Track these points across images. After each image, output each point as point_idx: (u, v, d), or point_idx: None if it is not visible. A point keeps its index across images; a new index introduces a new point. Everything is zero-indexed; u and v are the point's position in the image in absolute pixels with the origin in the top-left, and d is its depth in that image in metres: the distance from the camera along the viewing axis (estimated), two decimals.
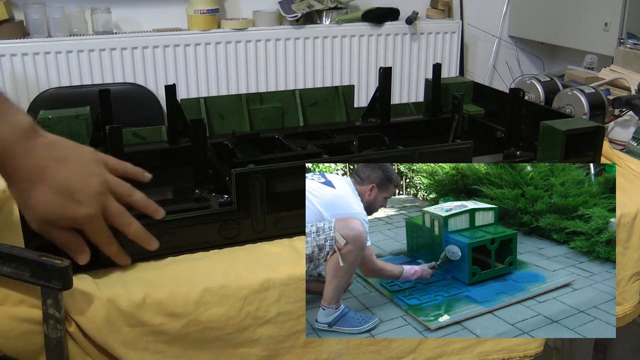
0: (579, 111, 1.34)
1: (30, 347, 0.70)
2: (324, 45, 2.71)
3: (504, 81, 3.07)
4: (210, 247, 0.84)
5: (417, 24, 2.80)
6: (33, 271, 0.66)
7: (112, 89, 1.10)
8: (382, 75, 1.24)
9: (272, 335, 0.79)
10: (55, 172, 0.67)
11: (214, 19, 2.56)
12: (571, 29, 2.58)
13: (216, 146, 1.07)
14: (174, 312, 0.74)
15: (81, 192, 0.69)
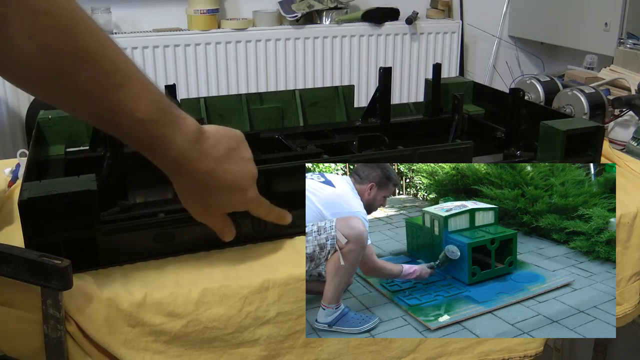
0: (579, 111, 1.34)
1: (30, 347, 0.70)
2: (324, 45, 2.71)
3: (504, 81, 3.07)
4: (210, 247, 0.84)
5: (417, 24, 2.80)
6: (33, 271, 0.66)
7: None
8: (382, 75, 1.24)
9: (272, 335, 0.79)
10: (223, 172, 0.70)
11: (214, 19, 2.56)
12: (571, 29, 2.58)
13: None
14: (174, 312, 0.74)
15: (245, 180, 0.73)
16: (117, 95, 0.58)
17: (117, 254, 0.79)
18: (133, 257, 0.80)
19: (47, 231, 0.74)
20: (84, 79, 0.56)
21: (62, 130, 1.07)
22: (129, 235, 0.79)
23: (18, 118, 2.40)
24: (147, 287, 0.74)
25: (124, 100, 0.59)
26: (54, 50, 0.53)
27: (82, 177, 0.77)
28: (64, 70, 0.55)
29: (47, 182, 0.76)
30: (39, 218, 0.73)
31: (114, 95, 0.58)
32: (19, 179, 1.04)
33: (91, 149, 1.04)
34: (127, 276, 0.77)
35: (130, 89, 0.59)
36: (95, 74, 0.57)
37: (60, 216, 0.74)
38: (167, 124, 0.63)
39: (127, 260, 0.80)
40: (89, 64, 0.56)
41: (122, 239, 0.79)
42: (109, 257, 0.79)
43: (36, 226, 0.73)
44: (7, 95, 2.36)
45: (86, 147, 1.05)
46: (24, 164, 0.94)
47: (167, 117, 0.63)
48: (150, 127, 0.62)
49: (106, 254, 0.78)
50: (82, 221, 0.75)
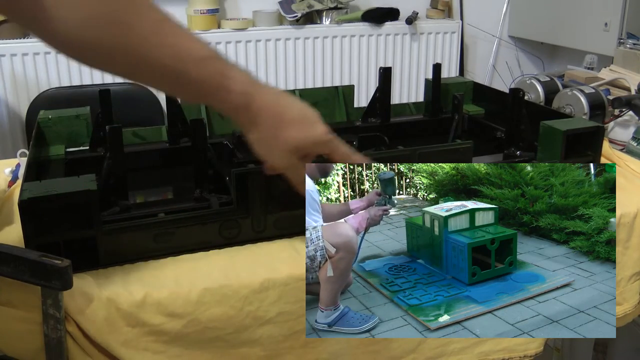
0: (579, 111, 1.34)
1: (30, 347, 0.70)
2: (324, 45, 2.71)
3: (504, 81, 3.07)
4: (210, 247, 0.84)
5: (417, 24, 2.80)
6: (33, 271, 0.66)
7: (112, 89, 1.10)
8: (382, 75, 1.23)
9: (272, 335, 0.79)
10: (288, 104, 0.73)
11: (214, 19, 2.56)
12: (571, 29, 2.58)
13: (216, 146, 1.07)
14: (174, 312, 0.74)
15: (311, 113, 0.75)
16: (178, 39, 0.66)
17: (117, 254, 0.79)
18: (133, 257, 0.80)
19: (47, 231, 0.74)
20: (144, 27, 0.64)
21: (62, 130, 1.07)
22: (129, 235, 0.79)
23: (18, 118, 2.39)
24: (147, 287, 0.74)
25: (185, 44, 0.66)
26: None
27: (82, 177, 0.77)
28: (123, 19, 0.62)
29: (47, 182, 0.76)
30: (39, 218, 0.73)
31: (174, 39, 0.65)
32: (19, 179, 1.04)
33: (91, 149, 1.04)
34: (127, 276, 0.77)
35: (184, 34, 0.67)
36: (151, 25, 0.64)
37: (60, 216, 0.74)
38: (224, 61, 0.69)
39: (127, 260, 0.80)
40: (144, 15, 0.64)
41: (122, 239, 0.79)
42: (109, 257, 0.79)
43: (36, 226, 0.73)
44: (7, 95, 2.36)
45: (86, 147, 1.05)
46: (24, 164, 0.94)
47: (222, 56, 0.69)
48: (212, 64, 0.68)
49: (106, 254, 0.78)
50: (82, 221, 0.75)
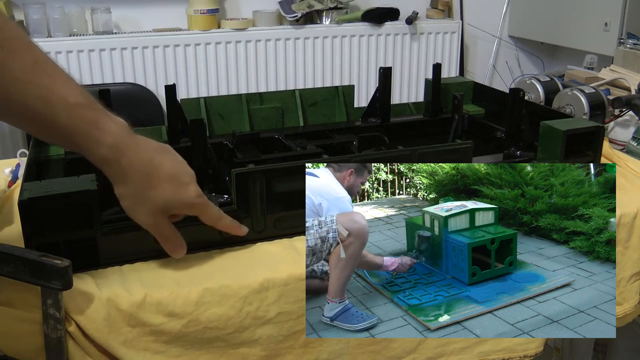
0: (579, 111, 1.34)
1: (30, 347, 0.70)
2: (324, 45, 2.71)
3: (504, 81, 3.07)
4: (210, 247, 0.84)
5: (417, 24, 2.80)
6: (33, 271, 0.66)
7: (112, 89, 1.10)
8: (382, 75, 1.24)
9: (272, 335, 0.79)
10: (161, 162, 0.71)
11: (214, 19, 2.56)
12: (571, 29, 2.58)
13: (216, 146, 1.07)
14: (174, 312, 0.74)
15: (186, 174, 0.74)
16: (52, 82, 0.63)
17: (117, 254, 0.79)
18: (133, 257, 0.80)
19: (47, 231, 0.74)
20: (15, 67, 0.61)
21: None
22: (129, 235, 0.79)
23: None
24: (147, 287, 0.74)
25: (59, 88, 0.64)
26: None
27: (82, 177, 0.77)
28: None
29: (47, 182, 0.76)
30: (39, 218, 0.73)
31: (48, 81, 0.63)
32: (19, 179, 1.04)
33: None
34: (127, 276, 0.77)
35: (60, 78, 0.64)
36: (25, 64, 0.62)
37: (60, 216, 0.74)
38: (98, 110, 0.67)
39: (127, 260, 0.80)
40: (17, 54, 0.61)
41: (122, 239, 0.79)
42: (109, 257, 0.79)
43: (36, 226, 0.73)
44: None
45: None
46: (24, 164, 0.94)
47: (97, 105, 0.68)
48: (83, 112, 0.66)
49: (106, 254, 0.78)
50: (82, 221, 0.75)
